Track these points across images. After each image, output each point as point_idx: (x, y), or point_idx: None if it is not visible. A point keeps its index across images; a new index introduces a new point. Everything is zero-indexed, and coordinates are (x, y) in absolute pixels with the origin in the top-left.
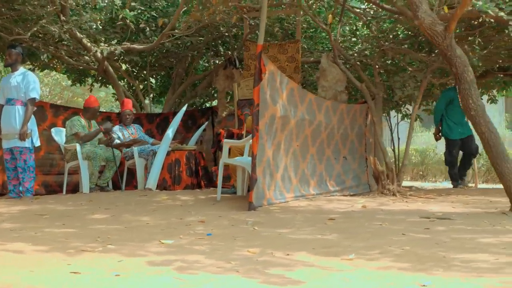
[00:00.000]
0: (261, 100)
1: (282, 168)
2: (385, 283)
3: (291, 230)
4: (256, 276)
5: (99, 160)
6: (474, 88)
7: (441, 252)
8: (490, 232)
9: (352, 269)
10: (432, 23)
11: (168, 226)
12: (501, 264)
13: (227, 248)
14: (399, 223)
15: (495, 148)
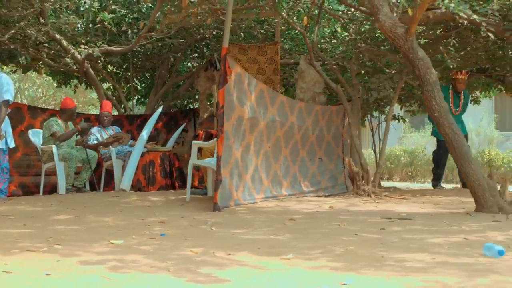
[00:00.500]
0: (227, 102)
1: (252, 169)
2: (308, 282)
3: (247, 231)
4: (184, 275)
5: (75, 161)
6: (437, 89)
7: (381, 252)
8: (443, 232)
9: (284, 269)
10: (393, 26)
11: (127, 226)
12: (434, 264)
13: (172, 248)
14: (357, 223)
15: (459, 149)
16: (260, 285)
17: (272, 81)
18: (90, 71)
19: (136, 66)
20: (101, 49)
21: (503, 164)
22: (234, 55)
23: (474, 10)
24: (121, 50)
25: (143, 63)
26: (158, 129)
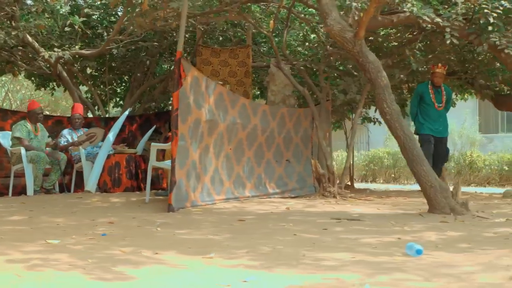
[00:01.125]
0: (183, 104)
1: (212, 170)
2: (211, 279)
3: (189, 231)
4: (94, 273)
5: (43, 163)
6: (388, 92)
7: (306, 251)
8: (382, 233)
9: (198, 267)
10: (341, 30)
11: (75, 227)
12: (349, 263)
13: (103, 247)
14: (304, 224)
15: (410, 151)
16: (163, 282)
17: (244, 83)
18: (64, 74)
19: (113, 69)
20: (72, 52)
21: (485, 166)
22: (207, 58)
23: (439, 14)
24: (91, 53)
25: (120, 66)
26: (133, 131)
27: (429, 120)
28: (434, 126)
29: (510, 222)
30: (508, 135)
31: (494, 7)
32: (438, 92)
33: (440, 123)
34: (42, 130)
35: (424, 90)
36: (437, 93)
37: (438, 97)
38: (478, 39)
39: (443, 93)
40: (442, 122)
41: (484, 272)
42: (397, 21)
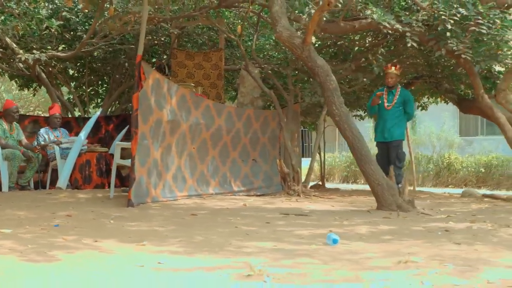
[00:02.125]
0: (144, 105)
1: (174, 168)
2: (132, 262)
3: (139, 224)
4: (29, 256)
5: (18, 161)
6: (337, 95)
7: (235, 241)
8: (318, 226)
9: (127, 253)
10: (290, 37)
11: (34, 219)
12: (267, 250)
13: (50, 236)
14: (251, 218)
15: (359, 151)
16: (84, 263)
17: (216, 85)
18: (42, 75)
19: (94, 70)
20: (48, 54)
21: (462, 168)
22: (181, 60)
23: (400, 20)
24: (67, 55)
25: (101, 68)
26: (109, 131)
27: (380, 121)
28: (384, 128)
29: (449, 218)
30: (487, 138)
31: (451, 14)
32: (391, 93)
33: (389, 124)
34: (18, 129)
35: (382, 91)
36: (390, 93)
37: (390, 97)
38: (437, 44)
39: (396, 94)
40: (391, 123)
41: (382, 258)
42: (359, 27)
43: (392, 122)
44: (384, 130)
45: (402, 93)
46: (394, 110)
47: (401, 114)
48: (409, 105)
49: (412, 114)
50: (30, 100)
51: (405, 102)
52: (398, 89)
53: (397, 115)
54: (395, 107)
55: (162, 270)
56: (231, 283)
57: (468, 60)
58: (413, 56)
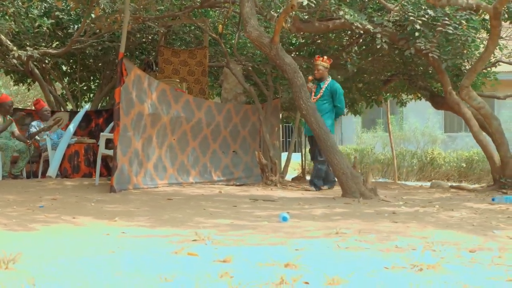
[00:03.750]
0: (125, 99)
1: (155, 158)
2: (101, 232)
3: (117, 206)
4: (11, 227)
5: (10, 151)
6: (304, 91)
7: (197, 218)
8: (279, 209)
9: (97, 226)
10: (259, 36)
11: (21, 201)
12: (222, 225)
13: (34, 214)
14: (221, 203)
15: (325, 142)
16: (56, 232)
17: (201, 81)
18: (35, 71)
19: (87, 67)
20: (40, 51)
21: (444, 163)
22: (168, 57)
23: (372, 20)
24: (57, 52)
25: (92, 64)
26: (99, 124)
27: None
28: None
29: (404, 204)
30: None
31: (420, 15)
32: (319, 86)
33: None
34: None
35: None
36: (318, 86)
37: (317, 90)
38: (407, 44)
39: (323, 87)
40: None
41: (316, 231)
42: (333, 26)
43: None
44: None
45: (330, 86)
46: (319, 103)
47: (327, 108)
48: (337, 98)
49: (341, 107)
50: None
51: (333, 95)
52: (327, 82)
53: (322, 108)
54: (321, 100)
55: (123, 237)
56: (178, 244)
57: (436, 59)
58: (389, 55)
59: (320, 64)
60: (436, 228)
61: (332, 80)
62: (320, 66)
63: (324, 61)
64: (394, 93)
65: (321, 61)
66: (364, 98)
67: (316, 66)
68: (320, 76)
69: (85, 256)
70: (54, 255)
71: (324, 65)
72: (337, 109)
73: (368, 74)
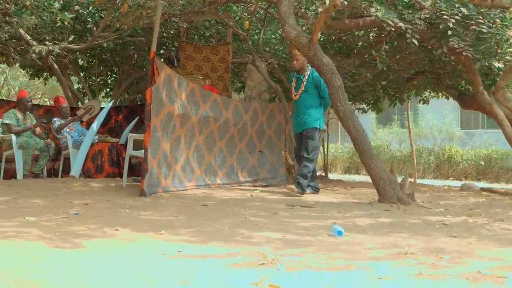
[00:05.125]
0: (155, 99)
1: (183, 159)
2: (154, 250)
3: (153, 213)
4: (56, 243)
5: (32, 149)
6: (341, 92)
7: (243, 231)
8: (322, 218)
9: (146, 241)
10: (297, 36)
11: (52, 207)
12: (275, 240)
13: (72, 224)
14: (258, 209)
15: (362, 145)
16: (108, 250)
17: (224, 78)
18: (54, 66)
19: (104, 61)
20: (61, 46)
21: (462, 160)
22: (190, 53)
23: (403, 18)
24: (80, 47)
25: (110, 59)
26: (119, 121)
27: (294, 112)
28: (295, 118)
29: (447, 211)
30: (487, 131)
31: (453, 13)
32: (299, 79)
33: (301, 114)
34: (31, 118)
35: (290, 78)
36: (299, 80)
37: (298, 84)
38: (438, 42)
39: (304, 79)
40: (303, 113)
41: (379, 249)
42: (363, 24)
43: (303, 112)
44: (296, 120)
45: (312, 77)
46: (303, 97)
47: (314, 102)
48: (323, 89)
49: (327, 98)
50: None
51: (317, 86)
52: (307, 72)
53: (308, 103)
54: (305, 94)
55: (183, 257)
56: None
57: (469, 58)
58: (415, 53)
59: (298, 53)
60: (501, 245)
61: (312, 69)
62: (299, 56)
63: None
64: (416, 90)
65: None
66: (388, 96)
67: (295, 55)
68: (300, 66)
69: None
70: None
71: (299, 55)
72: (325, 100)
73: (393, 72)
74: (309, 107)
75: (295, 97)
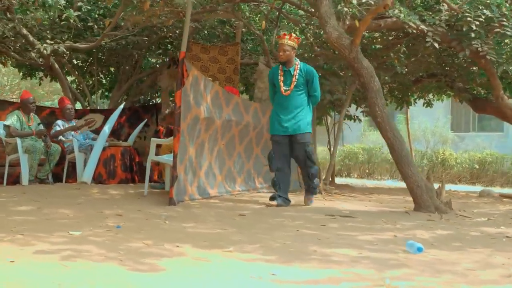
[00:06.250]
0: (183, 102)
1: (206, 165)
2: (241, 272)
3: (196, 225)
4: (129, 264)
5: (38, 153)
6: (380, 97)
7: (313, 247)
8: (375, 230)
9: (220, 260)
10: (339, 37)
11: (85, 218)
12: (357, 258)
13: (125, 239)
14: (300, 219)
15: (399, 152)
16: (196, 274)
17: (232, 80)
18: (55, 66)
19: (101, 60)
20: (66, 45)
21: (456, 164)
22: (196, 54)
23: (423, 20)
24: (86, 47)
25: (108, 58)
26: (121, 123)
27: (278, 109)
28: (283, 118)
29: (491, 221)
30: (480, 134)
31: (476, 15)
32: (288, 72)
33: (289, 113)
34: (36, 121)
35: (274, 72)
36: (288, 74)
37: (288, 79)
38: (460, 45)
39: (295, 73)
40: (294, 111)
41: (483, 269)
42: (384, 25)
43: (296, 111)
44: (284, 120)
45: (303, 71)
46: (293, 95)
47: (303, 100)
48: (314, 85)
49: (318, 96)
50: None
51: (308, 81)
52: (297, 66)
53: (298, 101)
54: (296, 90)
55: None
56: None
57: (489, 61)
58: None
59: (286, 43)
60: None
61: (302, 63)
62: (287, 46)
63: (291, 39)
64: (420, 93)
65: (288, 40)
66: (395, 99)
67: (281, 45)
68: (286, 58)
69: None
70: None
71: (291, 45)
72: (314, 98)
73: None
74: (299, 107)
75: (286, 93)
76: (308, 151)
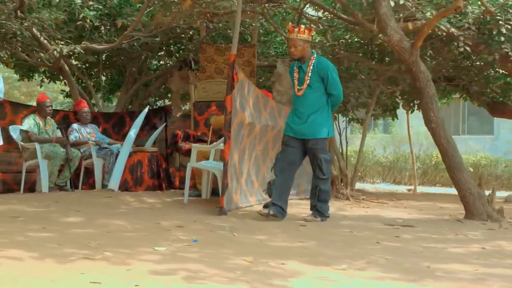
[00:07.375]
0: (232, 107)
1: (245, 172)
2: None
3: (268, 237)
4: (258, 286)
5: (59, 159)
6: (435, 101)
7: (423, 262)
8: (455, 241)
9: (349, 280)
10: (400, 40)
11: (148, 231)
12: (481, 275)
13: (220, 256)
14: (366, 230)
15: (452, 158)
16: None
17: None
18: (65, 67)
19: (104, 61)
20: (83, 46)
21: None
22: (211, 55)
23: (451, 22)
24: (103, 47)
25: (112, 59)
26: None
27: (294, 112)
28: (296, 119)
29: None
30: (471, 137)
31: (507, 19)
32: (302, 69)
33: (303, 115)
34: (52, 125)
35: (291, 70)
36: (301, 71)
37: (301, 77)
38: (488, 48)
39: (308, 70)
40: (307, 115)
41: None
42: (413, 28)
43: (307, 114)
44: (296, 123)
45: (317, 66)
46: (309, 94)
47: (322, 100)
48: (331, 81)
49: (338, 95)
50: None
51: (323, 77)
52: (312, 60)
53: (311, 101)
54: (310, 89)
55: None
56: None
57: None
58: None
59: (297, 37)
60: None
61: (318, 57)
62: (298, 41)
63: (301, 31)
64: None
65: (297, 33)
66: (407, 102)
67: (292, 41)
68: (300, 54)
69: None
70: None
71: (303, 38)
72: (333, 98)
73: None
74: (313, 108)
75: (299, 93)
76: (321, 159)
